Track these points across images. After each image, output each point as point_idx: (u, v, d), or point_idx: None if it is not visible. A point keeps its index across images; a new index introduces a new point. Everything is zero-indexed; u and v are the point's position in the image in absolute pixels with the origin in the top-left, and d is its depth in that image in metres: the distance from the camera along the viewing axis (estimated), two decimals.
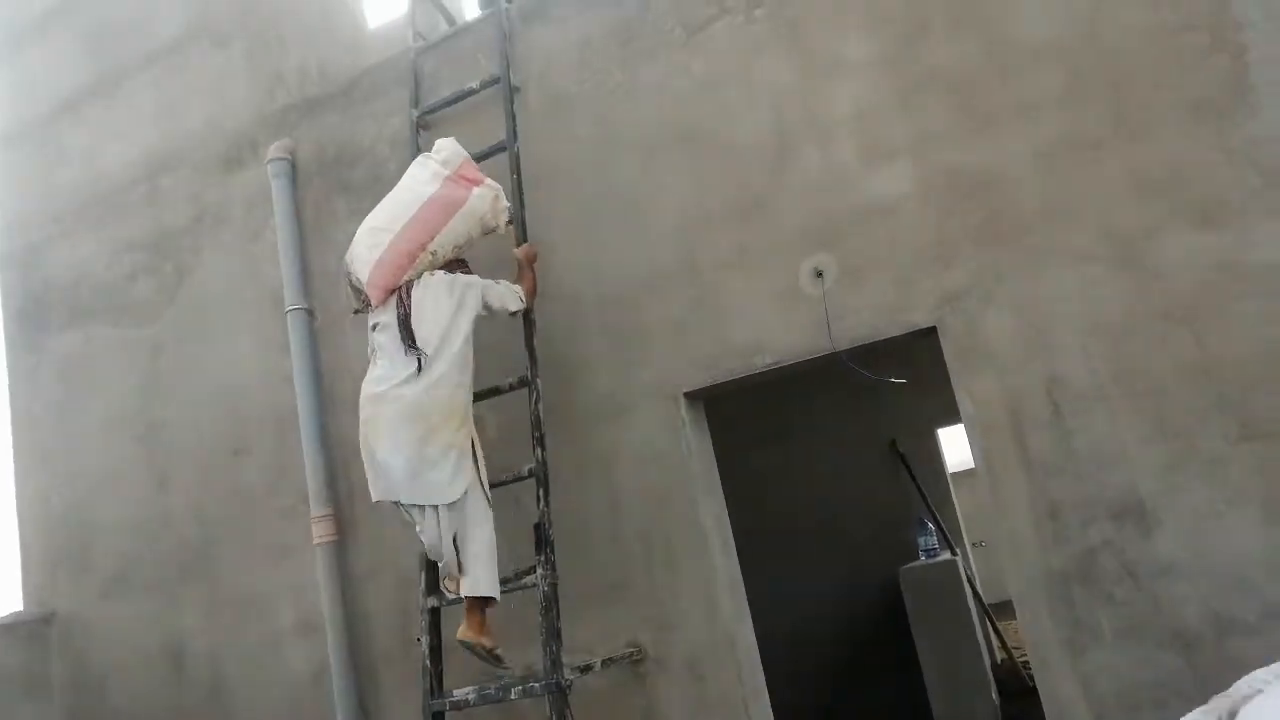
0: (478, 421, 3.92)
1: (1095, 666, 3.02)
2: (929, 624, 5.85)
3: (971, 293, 3.30)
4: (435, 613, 3.47)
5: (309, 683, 4.20)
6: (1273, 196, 2.99)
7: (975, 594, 6.71)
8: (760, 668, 3.61)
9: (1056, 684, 3.07)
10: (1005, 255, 3.27)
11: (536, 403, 3.55)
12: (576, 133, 3.99)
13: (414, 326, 3.31)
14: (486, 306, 3.46)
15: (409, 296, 3.37)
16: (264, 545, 4.39)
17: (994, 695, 5.95)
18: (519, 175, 3.92)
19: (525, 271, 3.66)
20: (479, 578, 3.24)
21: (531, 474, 3.46)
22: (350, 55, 4.61)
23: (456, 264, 3.59)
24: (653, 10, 3.90)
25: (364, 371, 4.23)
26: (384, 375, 3.35)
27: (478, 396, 3.54)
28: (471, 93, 4.11)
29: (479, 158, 3.79)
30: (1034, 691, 3.20)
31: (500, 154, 3.93)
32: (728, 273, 3.65)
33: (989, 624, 6.91)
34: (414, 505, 3.28)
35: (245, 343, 4.60)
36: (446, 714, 3.32)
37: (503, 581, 3.33)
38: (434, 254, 3.46)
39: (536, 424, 3.52)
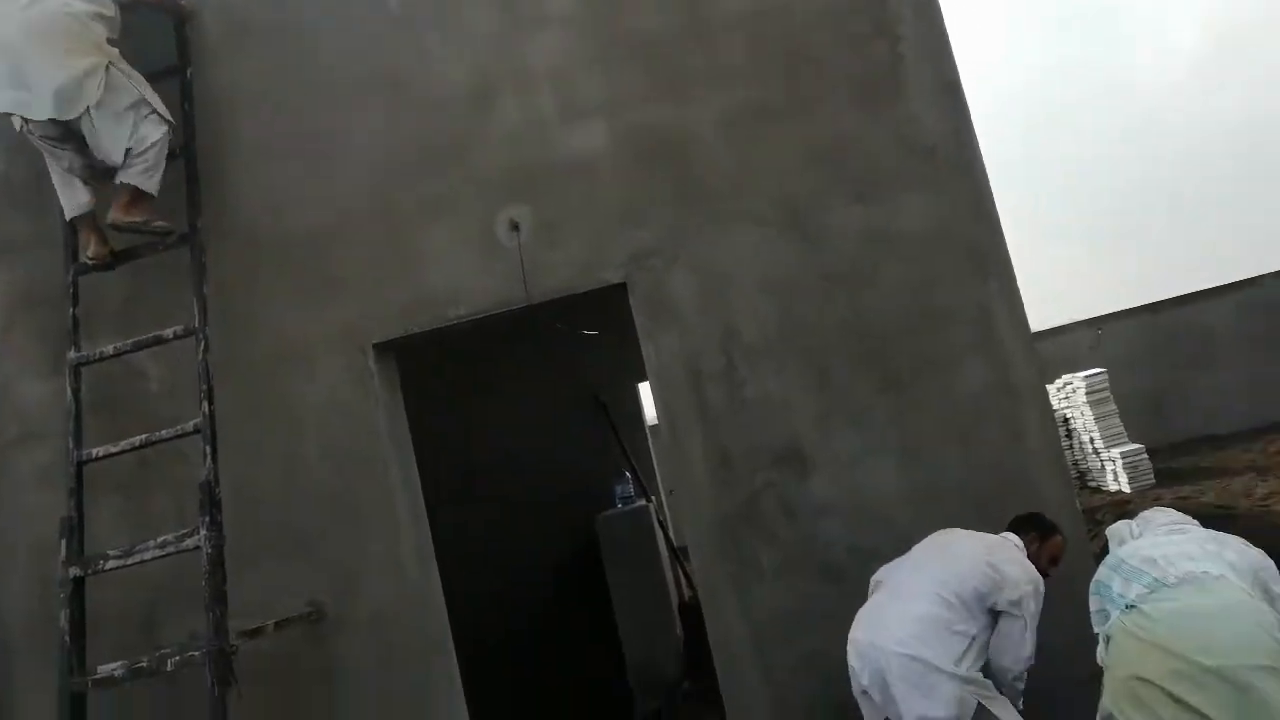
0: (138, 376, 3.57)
1: (756, 599, 3.29)
2: (621, 567, 6.11)
3: (659, 252, 3.42)
4: (79, 583, 3.09)
5: None
6: (916, 171, 3.35)
7: (667, 538, 7.09)
8: (446, 623, 3.58)
9: (722, 616, 3.31)
10: (691, 217, 3.42)
11: (204, 352, 3.26)
12: (261, 64, 3.68)
13: None
14: None
15: None
16: None
17: (678, 630, 6.34)
18: (190, 104, 3.56)
19: None
20: (138, 171, 3.27)
21: (197, 429, 3.18)
22: None
23: None
24: None
25: None
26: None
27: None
28: (131, 4, 3.60)
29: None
30: None
31: (171, 78, 3.55)
32: (423, 221, 3.53)
33: (678, 565, 7.34)
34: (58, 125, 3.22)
35: None
36: (89, 694, 2.98)
37: (160, 545, 3.04)
38: None
39: (204, 375, 3.24)
